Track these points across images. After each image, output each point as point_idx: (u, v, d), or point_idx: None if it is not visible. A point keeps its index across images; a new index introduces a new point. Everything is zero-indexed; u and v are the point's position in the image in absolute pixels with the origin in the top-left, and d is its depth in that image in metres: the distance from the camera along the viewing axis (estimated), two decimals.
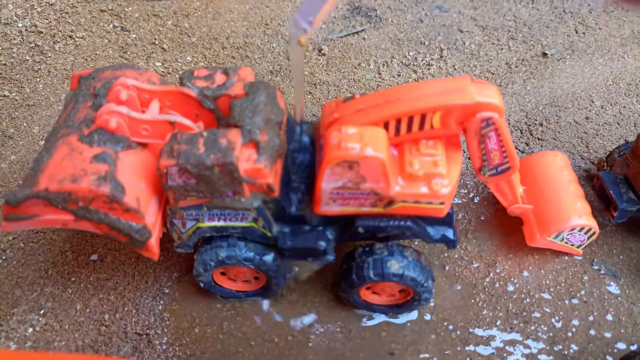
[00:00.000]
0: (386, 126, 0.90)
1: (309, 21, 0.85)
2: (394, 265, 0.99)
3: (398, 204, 0.92)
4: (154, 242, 0.92)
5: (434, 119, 0.88)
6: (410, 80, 1.65)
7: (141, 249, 0.92)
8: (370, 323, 1.12)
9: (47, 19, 1.75)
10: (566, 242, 1.17)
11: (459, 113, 0.87)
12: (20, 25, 1.71)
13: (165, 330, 1.10)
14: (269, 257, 1.02)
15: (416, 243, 1.22)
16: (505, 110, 0.88)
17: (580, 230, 1.13)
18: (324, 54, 1.72)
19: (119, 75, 1.00)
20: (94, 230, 0.90)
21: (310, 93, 1.60)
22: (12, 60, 1.63)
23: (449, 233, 1.00)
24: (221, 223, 0.98)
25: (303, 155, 1.05)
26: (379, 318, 1.12)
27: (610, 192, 1.20)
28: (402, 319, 1.12)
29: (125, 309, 1.13)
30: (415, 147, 0.92)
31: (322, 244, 1.00)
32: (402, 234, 0.99)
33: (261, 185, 0.91)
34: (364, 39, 1.80)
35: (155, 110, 0.95)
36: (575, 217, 1.12)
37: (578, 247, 1.19)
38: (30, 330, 1.10)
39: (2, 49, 1.65)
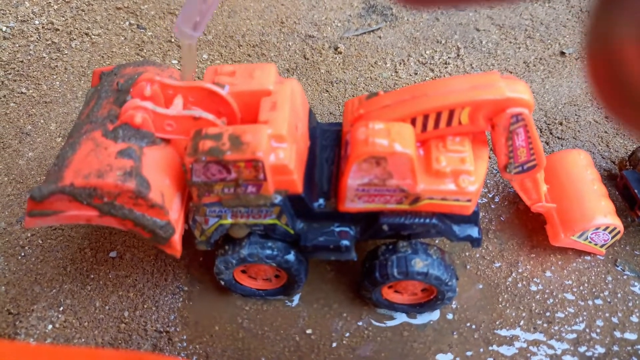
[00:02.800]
0: (413, 122, 0.89)
1: (194, 25, 0.84)
2: (419, 264, 0.97)
3: (424, 201, 0.91)
4: (177, 238, 0.91)
5: (462, 115, 0.87)
6: (427, 78, 1.64)
7: (164, 245, 0.91)
8: (392, 323, 1.11)
9: (63, 17, 1.75)
10: (590, 242, 1.15)
11: (488, 109, 0.85)
12: (37, 22, 1.71)
13: (185, 327, 1.09)
14: (291, 255, 1.01)
15: (437, 241, 1.21)
16: (534, 106, 0.86)
17: (604, 230, 1.12)
18: (340, 52, 1.71)
19: (141, 71, 1.00)
20: (118, 226, 0.90)
21: (327, 91, 1.59)
22: (29, 57, 1.63)
23: (475, 231, 0.99)
24: (244, 220, 0.97)
25: (326, 152, 1.04)
26: (400, 318, 1.11)
27: (635, 191, 1.19)
28: (424, 318, 1.11)
29: (145, 306, 1.12)
30: (442, 144, 0.90)
31: (345, 242, 0.98)
32: (426, 231, 0.98)
33: (286, 181, 0.90)
34: (380, 37, 1.79)
35: (179, 105, 0.94)
36: (600, 216, 1.10)
37: (601, 246, 1.17)
38: (50, 327, 1.10)
39: (19, 46, 1.65)
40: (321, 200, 0.98)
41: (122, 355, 0.77)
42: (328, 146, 1.05)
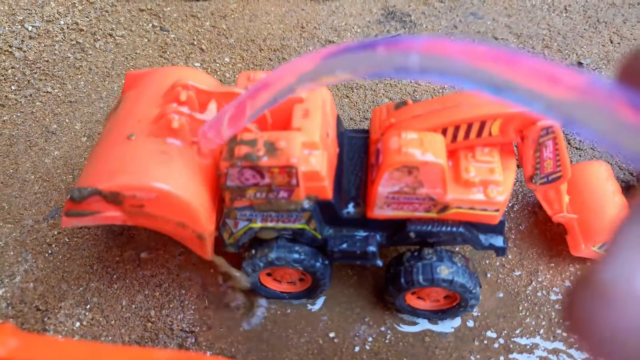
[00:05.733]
0: (443, 132, 0.91)
1: (220, 134, 0.84)
2: (444, 271, 0.99)
3: (452, 209, 0.93)
4: (211, 240, 0.93)
5: (493, 127, 0.89)
6: (446, 85, 1.66)
7: (198, 246, 0.93)
8: (414, 329, 1.12)
9: (87, 17, 1.77)
10: None
11: (520, 121, 0.87)
12: (62, 22, 1.74)
13: (211, 328, 1.11)
14: (318, 259, 1.03)
15: (456, 249, 1.23)
16: None
17: None
18: None
19: (176, 75, 1.01)
20: (153, 228, 0.92)
21: (347, 97, 1.61)
22: (54, 57, 1.65)
23: (499, 240, 1.00)
24: (273, 224, 0.99)
25: (353, 158, 1.05)
26: (422, 324, 1.13)
27: None
28: (445, 325, 1.13)
29: (171, 305, 1.14)
30: (471, 154, 0.92)
31: (372, 248, 1.00)
32: (452, 239, 1.00)
33: (317, 187, 0.92)
34: None
35: (214, 111, 0.96)
36: None
37: None
38: (78, 324, 1.12)
39: (45, 45, 1.67)
40: (350, 207, 0.99)
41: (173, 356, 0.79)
42: (355, 153, 1.07)
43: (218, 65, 1.67)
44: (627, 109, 0.25)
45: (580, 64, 1.77)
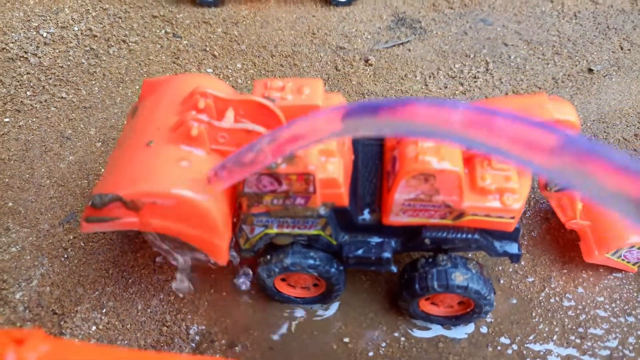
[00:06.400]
0: None
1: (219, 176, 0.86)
2: (459, 277, 1.00)
3: (468, 217, 0.93)
4: (226, 247, 0.94)
5: None
6: (457, 92, 1.67)
7: (215, 252, 0.94)
8: (428, 334, 1.13)
9: (101, 23, 1.79)
10: (623, 259, 1.17)
11: None
12: (76, 28, 1.76)
13: (226, 332, 1.12)
14: (333, 265, 1.04)
15: (469, 255, 1.23)
16: (580, 127, 0.89)
17: (639, 248, 1.14)
18: (371, 64, 1.74)
19: (193, 83, 1.03)
20: (171, 233, 0.93)
21: None
22: (69, 62, 1.67)
23: (514, 247, 1.01)
24: (289, 230, 1.00)
25: (368, 165, 1.06)
26: (436, 329, 1.13)
27: None
28: (459, 331, 1.13)
29: (186, 310, 1.15)
30: (487, 162, 0.93)
31: (387, 254, 1.01)
32: (467, 246, 1.00)
33: (334, 194, 0.93)
34: (409, 50, 1.82)
35: (231, 118, 0.98)
36: (635, 235, 1.12)
37: (634, 264, 1.19)
38: (94, 328, 1.13)
39: (59, 51, 1.69)
40: (365, 213, 1.00)
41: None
42: (370, 160, 1.08)
43: (230, 71, 1.69)
44: (607, 170, 0.25)
45: (590, 70, 1.77)
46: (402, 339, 1.12)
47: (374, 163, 1.07)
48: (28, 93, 1.58)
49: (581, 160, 0.26)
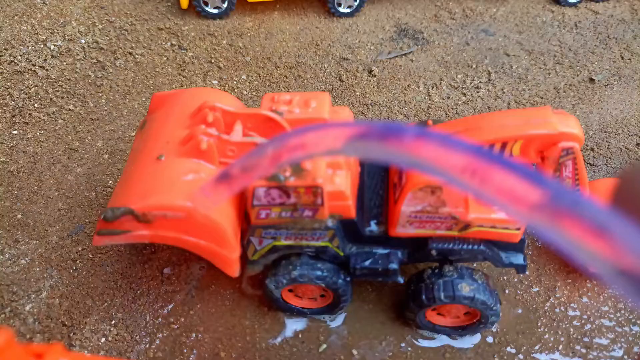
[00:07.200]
0: None
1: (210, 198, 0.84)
2: (465, 288, 1.01)
3: (474, 228, 0.95)
4: (237, 259, 0.96)
5: (514, 148, 0.91)
6: (460, 102, 1.68)
7: (225, 265, 0.95)
8: (434, 344, 1.14)
9: (107, 36, 1.81)
10: None
11: (540, 142, 0.89)
12: (82, 41, 1.78)
13: (234, 343, 1.13)
14: (340, 276, 1.05)
15: (474, 265, 1.24)
16: (584, 140, 0.90)
17: None
18: (374, 75, 1.76)
19: (202, 97, 1.04)
20: (181, 246, 0.94)
21: (363, 114, 1.64)
22: (76, 75, 1.69)
23: (520, 258, 1.02)
24: (297, 242, 1.01)
25: (374, 177, 1.08)
26: (442, 339, 1.14)
27: None
28: (465, 341, 1.14)
29: (194, 321, 1.16)
30: None
31: (394, 265, 1.02)
32: (473, 257, 1.01)
33: (341, 206, 0.94)
34: (412, 60, 1.84)
35: (239, 132, 0.99)
36: None
37: None
38: (103, 339, 1.14)
39: (67, 64, 1.71)
40: (372, 225, 1.02)
41: None
42: (376, 172, 1.09)
43: (235, 82, 1.71)
44: (584, 230, 0.25)
45: (592, 80, 1.79)
46: (409, 349, 1.13)
47: (380, 175, 1.08)
48: (36, 105, 1.60)
49: (561, 218, 0.26)
